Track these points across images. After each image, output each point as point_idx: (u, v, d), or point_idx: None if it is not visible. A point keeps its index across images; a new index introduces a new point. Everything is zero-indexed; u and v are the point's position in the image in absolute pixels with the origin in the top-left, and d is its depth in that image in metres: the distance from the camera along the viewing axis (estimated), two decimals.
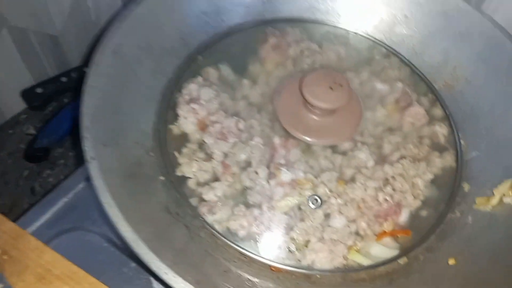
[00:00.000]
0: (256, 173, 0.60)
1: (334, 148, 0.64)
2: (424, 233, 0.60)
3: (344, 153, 0.64)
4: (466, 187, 0.65)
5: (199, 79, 0.70)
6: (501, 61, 0.68)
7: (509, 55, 0.68)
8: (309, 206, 0.58)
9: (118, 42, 0.61)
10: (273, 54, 0.74)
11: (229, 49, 0.74)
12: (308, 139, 0.62)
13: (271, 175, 0.60)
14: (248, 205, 0.59)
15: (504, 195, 0.59)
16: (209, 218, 0.59)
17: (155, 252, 0.45)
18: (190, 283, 0.44)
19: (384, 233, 0.59)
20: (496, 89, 0.68)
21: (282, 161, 0.61)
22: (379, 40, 0.78)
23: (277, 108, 0.64)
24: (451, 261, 0.56)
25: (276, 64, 0.73)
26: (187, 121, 0.65)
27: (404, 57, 0.76)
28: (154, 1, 0.65)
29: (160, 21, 0.68)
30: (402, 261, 0.58)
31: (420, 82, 0.74)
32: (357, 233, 0.59)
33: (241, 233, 0.58)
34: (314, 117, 0.63)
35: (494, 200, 0.59)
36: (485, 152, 0.67)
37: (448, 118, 0.71)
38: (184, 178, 0.61)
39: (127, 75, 0.63)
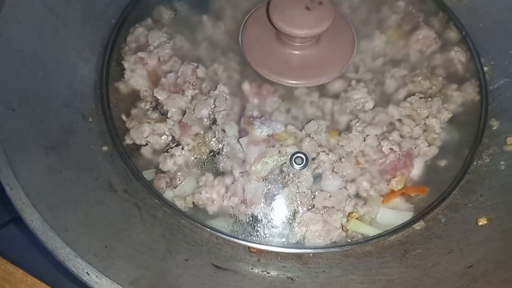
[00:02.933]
0: (223, 131, 0.47)
1: (322, 90, 0.50)
2: (445, 188, 0.47)
3: (335, 96, 0.50)
4: (494, 124, 0.51)
5: (148, 21, 0.56)
6: None
7: None
8: (293, 167, 0.45)
9: None
10: None
11: None
12: (287, 80, 0.48)
13: (242, 132, 0.47)
14: (217, 173, 0.47)
15: None
16: (168, 194, 0.46)
17: (75, 245, 0.33)
18: (122, 284, 0.31)
19: (392, 193, 0.46)
20: None
21: (256, 113, 0.48)
22: None
23: (244, 46, 0.50)
24: (482, 221, 0.43)
25: None
26: (135, 75, 0.52)
27: None
28: None
29: None
30: (419, 225, 0.45)
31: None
32: (357, 196, 0.46)
33: (211, 208, 0.46)
34: (292, 51, 0.48)
35: None
36: None
37: (465, 40, 0.56)
38: (134, 147, 0.49)
39: (50, 22, 0.49)
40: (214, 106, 0.48)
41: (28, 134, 0.40)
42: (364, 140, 0.47)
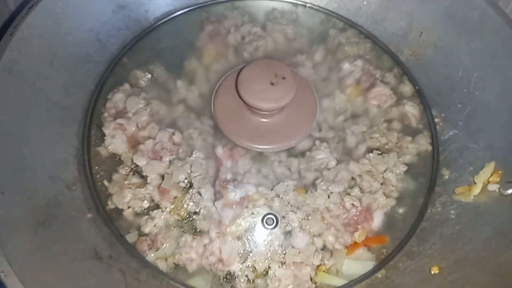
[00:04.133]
0: (200, 194, 0.51)
1: (289, 151, 0.54)
2: (402, 236, 0.52)
3: (301, 155, 0.54)
4: (445, 173, 0.56)
5: (126, 86, 0.59)
6: (470, 17, 0.58)
7: (478, 9, 0.57)
8: (265, 228, 0.49)
9: (12, 59, 0.50)
10: (211, 44, 0.63)
11: (159, 44, 0.63)
12: (256, 146, 0.53)
13: (217, 195, 0.51)
14: (195, 234, 0.50)
15: (488, 181, 0.51)
16: (151, 256, 0.50)
17: None
18: None
19: (355, 245, 0.50)
20: (468, 51, 0.59)
21: (229, 176, 0.52)
22: (332, 12, 0.67)
23: (216, 112, 0.54)
24: (434, 269, 0.48)
25: (215, 56, 0.62)
26: (115, 140, 0.55)
27: (363, 28, 0.66)
28: (50, 1, 0.53)
29: (65, 24, 0.56)
30: (380, 274, 0.50)
31: (383, 55, 0.64)
32: (324, 249, 0.50)
33: (190, 267, 0.50)
34: (261, 119, 0.53)
35: (476, 189, 0.50)
36: (463, 129, 0.58)
37: (418, 94, 0.61)
38: (117, 211, 0.52)
39: (31, 96, 0.52)
40: (190, 171, 0.52)
41: (17, 215, 0.43)
42: (329, 197, 0.51)
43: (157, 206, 0.52)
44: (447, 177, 0.56)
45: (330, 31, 0.65)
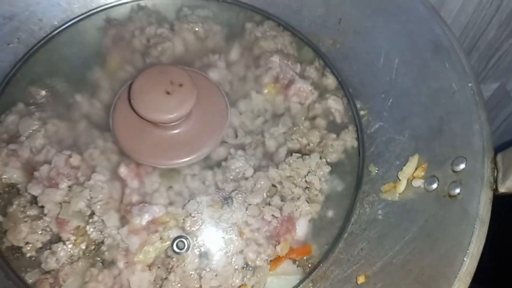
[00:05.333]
0: (103, 222, 0.46)
1: (203, 162, 0.50)
2: (329, 242, 0.49)
3: (217, 165, 0.50)
4: (373, 170, 0.53)
5: (19, 106, 0.53)
6: None
7: None
8: (176, 253, 0.45)
9: None
10: (114, 50, 0.57)
11: (57, 55, 0.57)
12: (162, 162, 0.48)
13: (124, 220, 0.46)
14: (102, 266, 0.45)
15: (413, 177, 0.48)
16: None
17: None
18: None
19: (278, 259, 0.47)
20: (387, 35, 0.55)
21: (135, 198, 0.47)
22: (247, 4, 0.62)
23: (115, 130, 0.49)
24: (361, 279, 0.44)
25: (120, 63, 0.56)
26: (8, 169, 0.49)
27: (280, 19, 0.61)
28: None
29: None
30: (307, 287, 0.46)
31: (304, 47, 0.60)
32: (246, 268, 0.46)
33: None
34: (164, 131, 0.48)
35: (401, 186, 0.47)
36: (389, 120, 0.54)
37: (341, 86, 0.58)
38: (13, 249, 0.46)
39: None
40: (90, 197, 0.47)
41: None
42: (246, 210, 0.47)
43: (59, 239, 0.46)
44: (374, 173, 0.53)
45: (246, 25, 0.60)
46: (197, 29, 0.58)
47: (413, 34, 0.51)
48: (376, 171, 0.53)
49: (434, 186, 0.46)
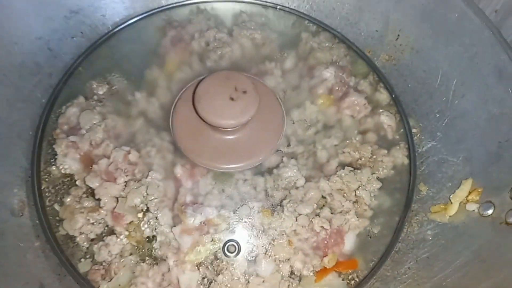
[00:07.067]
0: (156, 219, 0.47)
1: (255, 168, 0.51)
2: (376, 259, 0.49)
3: (268, 173, 0.51)
4: (423, 189, 0.53)
5: (80, 99, 0.55)
6: (448, 19, 0.53)
7: (457, 10, 0.53)
8: (226, 256, 0.46)
9: None
10: (173, 51, 0.58)
11: (117, 52, 0.59)
12: (218, 165, 0.49)
13: (176, 218, 0.47)
14: (152, 262, 0.47)
15: (467, 200, 0.47)
16: (103, 287, 0.46)
17: None
18: None
19: (324, 271, 0.47)
20: (447, 55, 0.55)
21: (189, 198, 0.48)
22: (304, 14, 0.63)
23: (174, 130, 0.50)
24: None
25: (178, 64, 0.58)
26: (67, 160, 0.51)
27: (336, 31, 0.61)
28: None
29: (10, 33, 0.52)
30: None
31: (358, 60, 0.60)
32: (291, 276, 0.47)
33: None
34: (222, 136, 0.49)
35: (452, 209, 0.47)
36: (442, 140, 0.54)
37: (395, 103, 0.57)
38: (68, 238, 0.48)
39: None
40: (146, 194, 0.48)
41: None
42: (296, 219, 0.48)
43: (112, 232, 0.48)
44: (424, 193, 0.52)
45: (302, 35, 0.61)
46: (255, 36, 0.59)
47: (476, 57, 0.50)
48: (426, 191, 0.52)
49: (490, 211, 0.45)
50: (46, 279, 0.45)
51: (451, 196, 0.48)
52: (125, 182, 0.49)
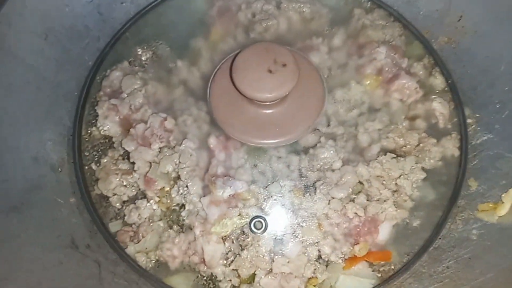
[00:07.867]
0: (187, 187, 0.47)
1: (291, 146, 0.49)
2: (412, 253, 0.46)
3: (304, 152, 0.48)
4: (473, 185, 0.48)
5: (124, 64, 0.55)
6: None
7: None
8: (253, 232, 0.44)
9: (0, 33, 0.47)
10: (219, 21, 0.57)
11: (164, 20, 0.59)
12: (252, 140, 0.47)
13: (206, 189, 0.47)
14: (179, 229, 0.47)
15: None
16: (131, 249, 0.47)
17: None
18: None
19: (354, 259, 0.44)
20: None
21: (220, 170, 0.47)
22: None
23: (211, 99, 0.49)
24: None
25: (223, 34, 0.56)
26: (107, 122, 0.52)
27: (393, 9, 0.57)
28: None
29: None
30: None
31: (413, 42, 0.56)
32: (318, 261, 0.45)
33: (172, 265, 0.46)
34: (259, 109, 0.47)
35: (502, 209, 0.42)
36: (500, 134, 0.49)
37: (450, 89, 0.53)
38: (102, 198, 0.49)
39: (20, 72, 0.49)
40: (178, 161, 0.48)
41: None
42: (329, 203, 0.45)
43: (144, 196, 0.48)
44: (474, 189, 0.48)
45: (355, 11, 0.57)
46: (304, 9, 0.56)
47: None
48: (476, 187, 0.48)
49: None
50: (77, 234, 0.46)
51: (503, 195, 0.44)
52: (160, 148, 0.49)
